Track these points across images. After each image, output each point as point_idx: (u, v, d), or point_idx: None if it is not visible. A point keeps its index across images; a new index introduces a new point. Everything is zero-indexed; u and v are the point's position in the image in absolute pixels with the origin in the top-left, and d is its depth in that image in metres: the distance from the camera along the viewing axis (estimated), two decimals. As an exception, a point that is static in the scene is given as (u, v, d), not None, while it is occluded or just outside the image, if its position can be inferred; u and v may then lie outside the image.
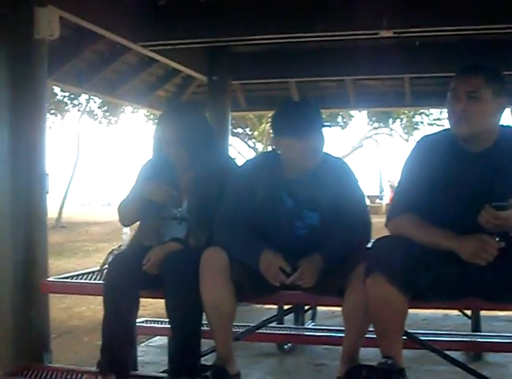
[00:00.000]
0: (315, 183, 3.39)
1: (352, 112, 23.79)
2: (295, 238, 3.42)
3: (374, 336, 3.12)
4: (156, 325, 5.30)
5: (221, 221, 3.44)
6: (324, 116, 3.44)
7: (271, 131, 3.51)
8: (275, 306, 5.93)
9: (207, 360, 3.59)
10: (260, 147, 24.85)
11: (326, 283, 3.24)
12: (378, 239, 3.15)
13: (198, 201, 3.60)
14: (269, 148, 3.64)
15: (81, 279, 3.96)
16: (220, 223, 3.44)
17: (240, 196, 3.44)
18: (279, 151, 3.43)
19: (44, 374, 3.65)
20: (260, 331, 4.97)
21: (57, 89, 21.08)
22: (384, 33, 5.66)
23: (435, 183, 3.16)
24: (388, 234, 3.22)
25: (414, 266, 2.96)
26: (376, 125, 26.98)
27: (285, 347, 5.87)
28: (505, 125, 3.22)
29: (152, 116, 22.22)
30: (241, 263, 3.28)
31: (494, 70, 3.15)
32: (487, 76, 3.07)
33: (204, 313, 3.34)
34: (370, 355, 3.45)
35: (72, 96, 22.53)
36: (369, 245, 3.34)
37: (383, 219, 3.33)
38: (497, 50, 6.85)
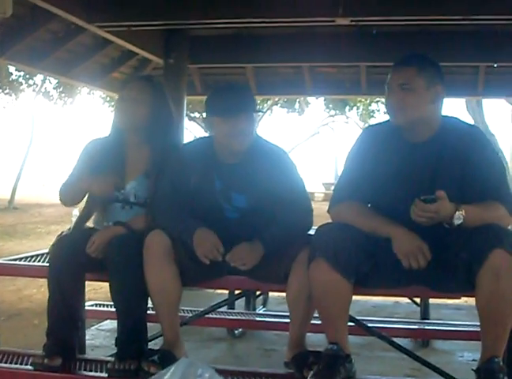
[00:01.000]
0: (247, 167, 3.41)
1: (309, 99, 23.88)
2: (225, 221, 3.43)
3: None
4: (106, 309, 5.28)
5: (159, 202, 3.45)
6: (281, 102, 3.44)
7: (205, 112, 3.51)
8: (226, 291, 5.94)
9: (156, 344, 3.58)
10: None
11: (270, 269, 3.25)
12: (320, 226, 3.17)
13: (153, 181, 3.58)
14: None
15: (30, 261, 3.91)
16: (159, 204, 3.44)
17: (176, 179, 3.46)
18: (213, 134, 3.45)
19: (-11, 357, 3.59)
20: (210, 315, 4.97)
21: (12, 69, 20.82)
22: (340, 21, 5.69)
23: (378, 173, 3.21)
24: (330, 220, 3.26)
25: (356, 251, 3.00)
26: (333, 112, 27.08)
27: (236, 332, 5.88)
28: (448, 115, 3.27)
29: (108, 98, 22.02)
30: (184, 245, 3.27)
31: (427, 60, 3.21)
32: (420, 66, 3.13)
33: (149, 297, 3.33)
34: (318, 341, 3.47)
35: (27, 76, 22.23)
36: (311, 231, 3.36)
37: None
38: (453, 41, 6.92)
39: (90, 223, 3.80)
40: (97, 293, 7.28)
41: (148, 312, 3.44)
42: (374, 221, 3.11)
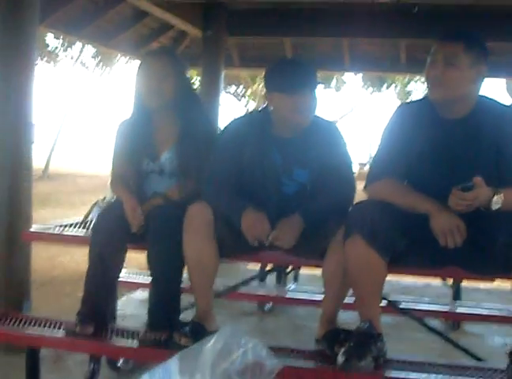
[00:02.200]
0: (305, 143, 3.39)
1: (347, 76, 23.70)
2: (282, 195, 3.41)
3: (354, 300, 3.13)
4: (138, 278, 5.29)
5: (209, 179, 3.43)
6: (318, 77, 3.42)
7: (264, 87, 3.49)
8: (257, 266, 5.94)
9: (186, 316, 3.58)
10: (252, 106, 24.72)
11: (307, 244, 3.24)
12: (357, 203, 3.15)
13: (184, 151, 3.58)
14: (261, 108, 3.60)
15: (64, 229, 3.93)
16: (208, 181, 3.43)
17: (228, 154, 3.44)
18: (271, 108, 3.41)
19: (23, 323, 3.63)
20: (241, 289, 4.98)
21: (50, 39, 20.89)
22: (381, -1, 5.61)
23: (414, 149, 3.18)
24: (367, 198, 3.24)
25: (393, 229, 2.98)
26: (370, 90, 26.86)
27: (266, 307, 5.89)
28: (485, 95, 3.22)
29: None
30: (225, 219, 3.27)
31: (475, 38, 3.16)
32: (467, 43, 3.08)
33: (185, 268, 3.33)
34: (349, 319, 3.45)
35: (65, 46, 22.29)
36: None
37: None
38: (494, 20, 6.79)
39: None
40: (129, 263, 7.31)
41: (182, 283, 3.44)
42: (411, 198, 3.08)
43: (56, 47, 22.05)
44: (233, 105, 25.16)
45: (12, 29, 4.37)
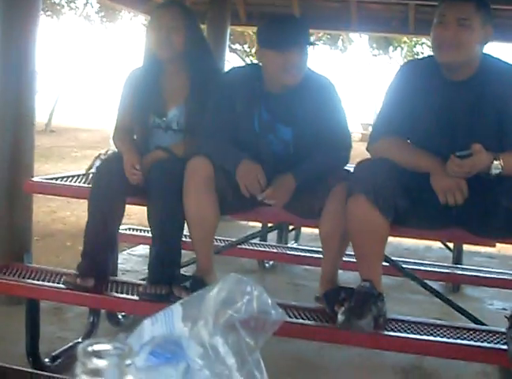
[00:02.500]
0: (294, 98, 3.34)
1: (352, 37, 23.52)
2: (269, 152, 3.38)
3: (355, 260, 3.12)
4: (139, 234, 5.29)
5: (205, 129, 3.42)
6: (324, 38, 3.38)
7: (256, 43, 3.45)
8: (258, 224, 5.95)
9: (187, 271, 3.59)
10: (256, 65, 24.58)
11: (302, 203, 3.22)
12: (360, 161, 3.13)
13: (194, 108, 3.55)
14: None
15: (66, 181, 3.91)
16: (204, 131, 3.41)
17: (223, 104, 3.41)
18: (261, 64, 3.38)
19: (23, 273, 3.63)
20: (243, 246, 4.98)
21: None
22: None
23: (417, 109, 3.15)
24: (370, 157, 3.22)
25: (395, 188, 2.96)
26: (376, 52, 26.70)
27: (266, 264, 5.91)
28: (489, 54, 3.17)
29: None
30: (225, 173, 3.25)
31: None
32: (478, 2, 3.02)
33: (186, 223, 3.32)
34: (349, 279, 3.45)
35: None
36: (348, 167, 3.33)
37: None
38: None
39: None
40: (130, 219, 7.33)
41: (183, 239, 3.43)
42: (414, 156, 3.07)
43: (60, 0, 21.88)
44: (238, 63, 25.02)
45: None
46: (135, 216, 7.48)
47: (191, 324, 0.94)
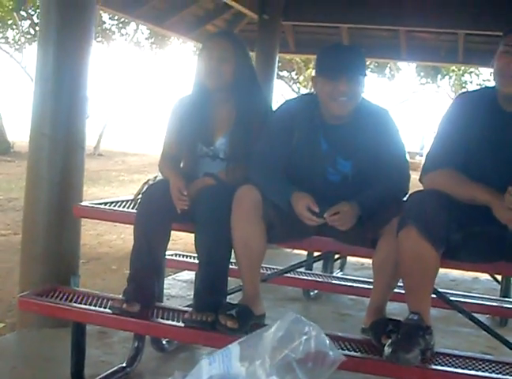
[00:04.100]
0: (352, 129, 3.32)
1: (400, 65, 23.48)
2: (327, 183, 3.36)
3: (403, 291, 3.08)
4: (184, 259, 5.30)
5: (256, 161, 3.40)
6: (371, 66, 3.37)
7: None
8: (303, 252, 5.92)
9: (232, 299, 3.57)
10: (304, 92, 24.66)
11: (359, 232, 3.19)
12: (413, 193, 3.09)
13: (239, 138, 3.55)
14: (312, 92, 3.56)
15: (115, 206, 3.94)
16: (255, 163, 3.40)
17: (276, 136, 3.40)
18: (315, 93, 3.38)
19: (70, 297, 3.65)
20: (288, 275, 4.95)
21: (105, 18, 21.03)
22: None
23: (471, 140, 3.11)
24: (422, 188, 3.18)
25: (448, 221, 2.91)
26: (424, 80, 26.58)
27: (311, 293, 5.87)
28: None
29: (198, 51, 22.05)
30: (273, 203, 3.24)
31: None
32: None
33: (233, 251, 3.31)
34: (396, 310, 3.41)
35: (120, 26, 22.47)
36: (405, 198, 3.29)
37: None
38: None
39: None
40: (176, 244, 7.36)
41: (230, 266, 3.42)
42: (470, 188, 3.00)
43: (111, 26, 22.22)
44: (285, 91, 25.11)
45: (71, 6, 4.39)
46: (180, 241, 7.52)
47: (248, 363, 0.93)
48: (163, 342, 4.29)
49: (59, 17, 4.36)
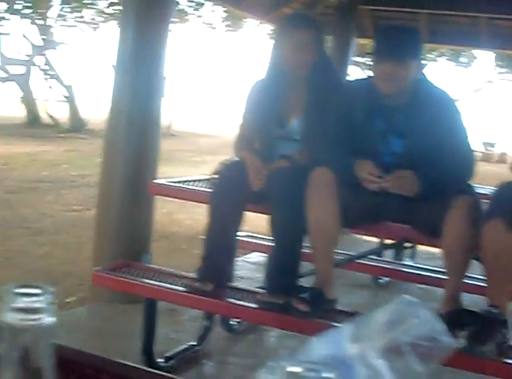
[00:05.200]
0: (409, 110, 3.28)
1: (476, 53, 23.03)
2: (380, 165, 3.28)
3: (481, 284, 3.03)
4: (255, 241, 5.28)
5: (325, 140, 3.42)
6: (448, 54, 3.30)
7: None
8: (372, 239, 5.86)
9: (304, 282, 3.55)
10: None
11: (424, 216, 3.15)
12: (501, 184, 3.01)
13: (312, 119, 3.53)
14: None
15: (189, 185, 3.95)
16: (324, 143, 3.42)
17: (340, 117, 3.42)
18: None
19: (143, 273, 3.68)
20: (359, 261, 4.91)
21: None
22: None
23: None
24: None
25: None
26: (502, 69, 25.99)
27: (381, 281, 5.82)
28: None
29: (274, 34, 22.02)
30: (348, 185, 3.20)
31: None
32: None
33: (307, 233, 3.28)
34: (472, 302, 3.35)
35: (195, 7, 22.55)
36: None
37: (495, 168, 3.19)
38: None
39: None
40: (245, 225, 7.36)
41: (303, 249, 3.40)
42: None
43: (186, 7, 22.32)
44: (359, 76, 24.90)
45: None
46: (250, 223, 7.51)
47: (358, 344, 0.91)
48: (232, 322, 4.31)
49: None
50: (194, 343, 3.99)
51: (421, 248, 6.53)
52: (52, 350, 0.60)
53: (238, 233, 3.61)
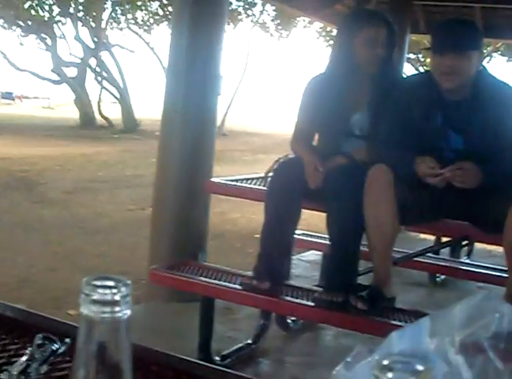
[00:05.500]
0: (470, 105, 3.21)
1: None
2: (442, 161, 3.21)
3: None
4: (311, 239, 5.25)
5: (383, 137, 3.37)
6: (502, 49, 3.25)
7: None
8: (428, 237, 5.80)
9: (362, 280, 3.52)
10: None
11: (486, 211, 3.08)
12: None
13: (375, 115, 3.49)
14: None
15: (245, 183, 3.95)
16: (382, 140, 3.36)
17: (399, 113, 3.36)
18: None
19: (200, 272, 3.69)
20: (416, 259, 4.85)
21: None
22: None
23: None
24: None
25: None
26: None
27: (437, 279, 5.75)
28: None
29: (323, 32, 21.95)
30: (407, 183, 3.16)
31: None
32: None
33: (365, 231, 3.26)
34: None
35: (246, 7, 22.63)
36: None
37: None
38: None
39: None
40: (300, 224, 7.34)
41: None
42: None
43: (238, 7, 22.43)
44: (411, 72, 24.68)
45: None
46: (304, 221, 7.48)
47: (437, 339, 0.89)
48: (288, 321, 4.29)
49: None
50: (250, 342, 3.99)
51: (478, 246, 6.45)
52: (129, 344, 0.60)
53: (295, 230, 3.59)
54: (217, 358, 3.73)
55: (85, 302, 0.56)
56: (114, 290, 0.56)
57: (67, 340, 1.13)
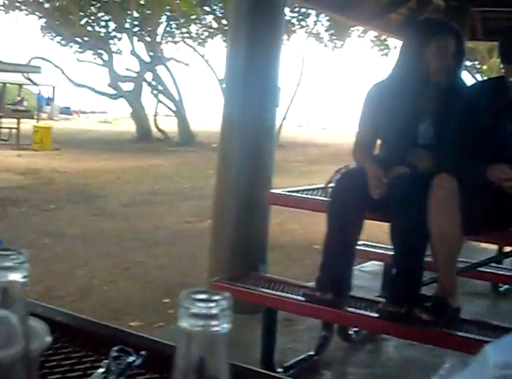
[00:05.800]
0: None
1: None
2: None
3: None
4: (373, 250, 5.21)
5: (448, 145, 3.33)
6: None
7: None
8: (490, 246, 5.70)
9: (425, 291, 3.48)
10: (487, 82, 23.88)
11: None
12: None
13: (443, 124, 3.45)
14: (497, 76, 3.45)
15: (305, 194, 3.94)
16: (448, 147, 3.33)
17: (464, 120, 3.33)
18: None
19: (261, 283, 3.69)
20: (479, 269, 4.78)
21: (286, 10, 21.26)
22: None
23: None
24: None
25: None
26: None
27: (500, 289, 5.65)
28: None
29: (378, 42, 21.86)
30: (470, 193, 3.12)
31: None
32: None
33: (429, 241, 3.22)
34: None
35: (300, 18, 22.66)
36: None
37: None
38: None
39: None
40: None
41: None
42: None
43: (292, 18, 22.48)
44: (467, 80, 24.44)
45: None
46: (364, 232, 7.44)
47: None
48: (350, 332, 4.26)
49: (251, 10, 4.43)
50: (312, 353, 3.97)
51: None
52: (227, 359, 0.60)
53: (358, 241, 3.57)
54: (280, 370, 3.72)
55: (184, 316, 0.57)
56: (214, 304, 0.56)
57: (143, 353, 1.13)
